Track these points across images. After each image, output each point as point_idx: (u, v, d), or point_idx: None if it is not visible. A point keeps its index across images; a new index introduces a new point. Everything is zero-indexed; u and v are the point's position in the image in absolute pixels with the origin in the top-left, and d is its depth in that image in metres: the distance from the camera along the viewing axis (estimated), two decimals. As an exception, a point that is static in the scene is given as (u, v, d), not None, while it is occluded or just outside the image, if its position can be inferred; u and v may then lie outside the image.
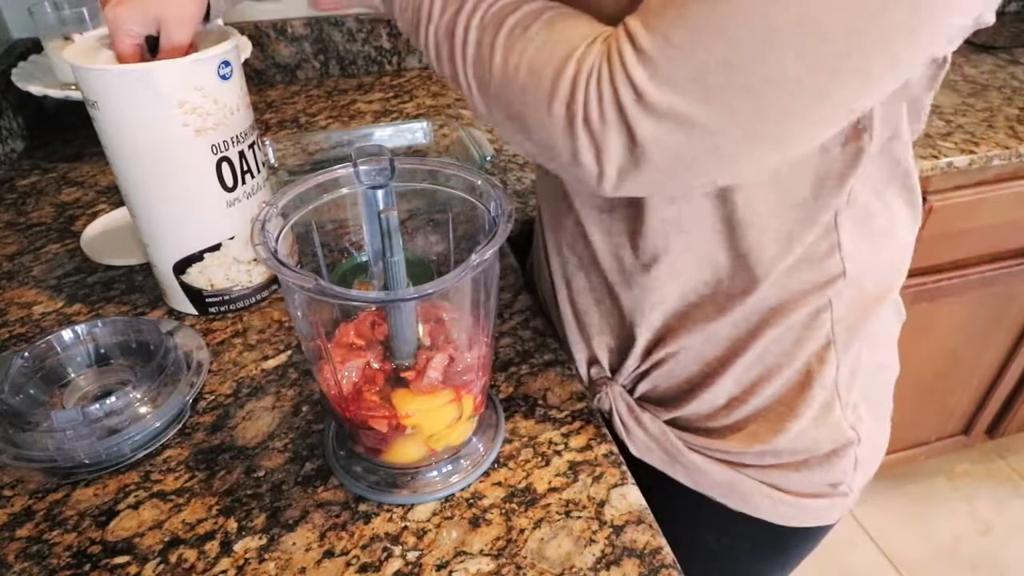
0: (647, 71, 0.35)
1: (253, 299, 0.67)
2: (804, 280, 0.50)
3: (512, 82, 0.40)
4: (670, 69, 0.35)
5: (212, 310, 0.66)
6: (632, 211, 0.52)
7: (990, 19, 0.39)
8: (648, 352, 0.57)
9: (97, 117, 0.56)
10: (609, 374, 0.61)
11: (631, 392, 0.61)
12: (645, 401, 0.61)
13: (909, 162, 0.51)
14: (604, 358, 0.61)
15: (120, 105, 0.54)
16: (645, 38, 0.36)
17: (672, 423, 0.60)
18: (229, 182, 0.60)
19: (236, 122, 0.59)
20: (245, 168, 0.61)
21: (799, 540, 0.64)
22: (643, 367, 0.58)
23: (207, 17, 0.59)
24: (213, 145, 0.58)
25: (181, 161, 0.57)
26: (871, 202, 0.50)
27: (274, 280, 0.68)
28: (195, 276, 0.63)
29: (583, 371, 0.63)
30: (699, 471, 0.59)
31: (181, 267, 0.62)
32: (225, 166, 0.59)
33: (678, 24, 0.34)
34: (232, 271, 0.64)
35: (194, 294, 0.64)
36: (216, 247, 0.62)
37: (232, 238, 0.62)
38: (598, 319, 0.59)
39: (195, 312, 0.66)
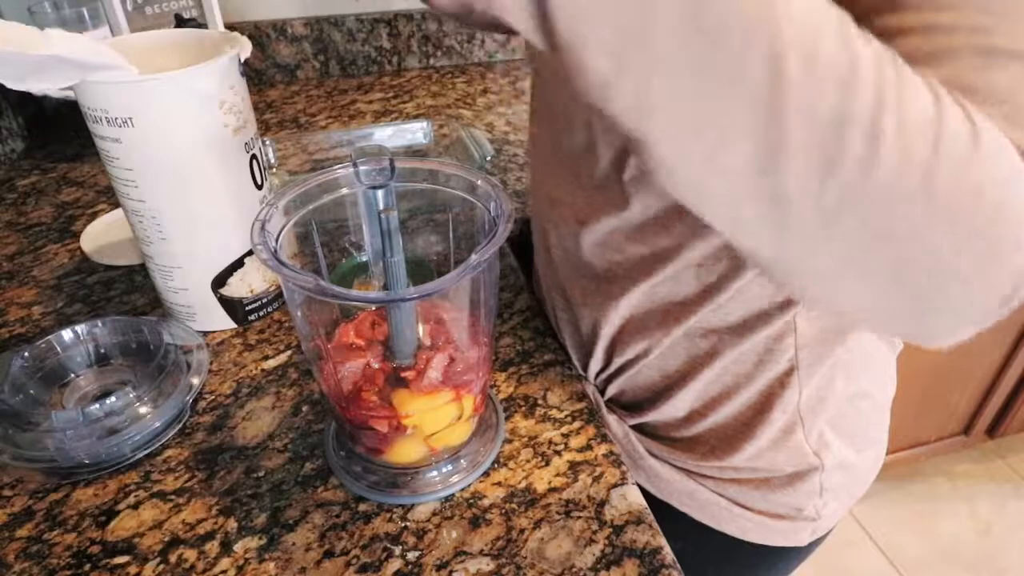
0: None
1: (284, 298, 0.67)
2: (762, 295, 0.49)
3: (935, 205, 0.27)
4: None
5: (252, 317, 0.64)
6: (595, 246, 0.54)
7: None
8: (609, 356, 0.58)
9: (126, 137, 0.52)
10: (582, 372, 0.62)
11: (603, 393, 0.61)
12: (615, 404, 0.62)
13: None
14: (575, 357, 0.62)
15: (162, 116, 0.52)
16: None
17: (639, 428, 0.61)
18: (258, 179, 0.60)
19: (254, 118, 0.59)
20: (265, 164, 0.62)
21: (767, 558, 0.63)
22: (608, 371, 0.59)
23: None
24: (246, 143, 0.58)
25: (222, 163, 0.56)
26: None
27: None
28: (235, 285, 0.62)
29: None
30: (660, 478, 0.60)
31: (221, 280, 0.61)
32: (254, 163, 0.59)
33: None
34: (269, 272, 0.64)
35: (232, 306, 0.63)
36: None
37: None
38: (567, 319, 0.61)
39: (233, 326, 0.64)
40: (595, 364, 0.60)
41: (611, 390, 0.60)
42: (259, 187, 0.60)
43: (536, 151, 0.60)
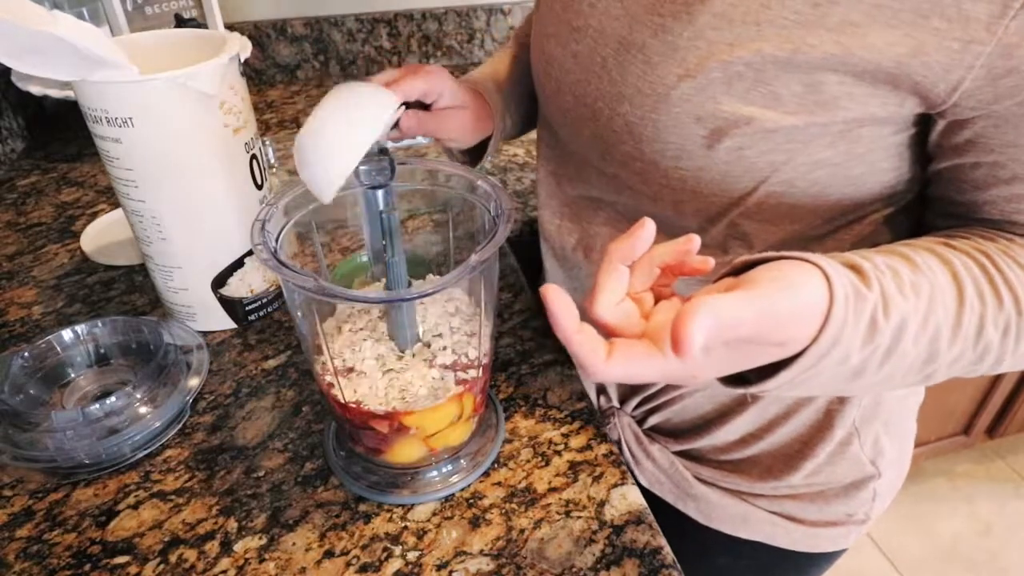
0: None
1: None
2: None
3: None
4: None
5: (252, 317, 0.64)
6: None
7: None
8: (658, 391, 0.57)
9: (126, 137, 0.52)
10: (618, 404, 0.61)
11: (642, 423, 0.61)
12: (656, 432, 0.60)
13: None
14: (612, 389, 0.60)
15: (162, 116, 0.52)
16: None
17: (683, 454, 0.59)
18: (258, 179, 0.60)
19: (254, 118, 0.59)
20: (265, 164, 0.62)
21: (814, 563, 0.63)
22: (653, 403, 0.58)
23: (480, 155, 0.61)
24: (246, 143, 0.58)
25: (222, 163, 0.56)
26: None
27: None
28: (235, 286, 0.62)
29: (593, 399, 0.62)
30: (710, 505, 0.59)
31: (221, 280, 0.61)
32: (255, 163, 0.59)
33: None
34: (269, 272, 0.64)
35: (232, 306, 0.63)
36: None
37: None
38: None
39: (233, 326, 0.64)
40: (637, 395, 0.58)
41: (653, 420, 0.59)
42: (259, 187, 0.60)
43: (560, 156, 0.57)
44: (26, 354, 0.56)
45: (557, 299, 0.31)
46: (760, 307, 0.30)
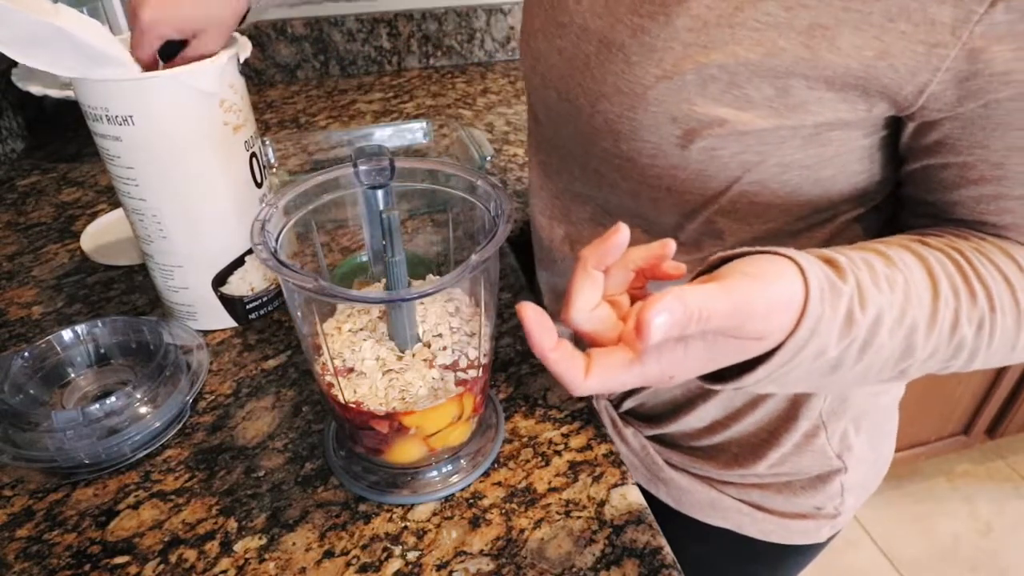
0: None
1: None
2: None
3: None
4: None
5: (252, 316, 0.64)
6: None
7: None
8: None
9: (126, 136, 0.52)
10: None
11: (618, 407, 0.61)
12: (631, 416, 0.61)
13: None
14: None
15: (162, 114, 0.52)
16: None
17: (657, 439, 0.60)
18: (258, 178, 0.60)
19: (253, 117, 0.60)
20: (265, 163, 0.62)
21: (788, 555, 0.63)
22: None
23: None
24: (245, 141, 0.58)
25: (223, 162, 0.56)
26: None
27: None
28: (236, 284, 0.62)
29: None
30: (680, 489, 0.59)
31: (221, 278, 0.61)
32: (254, 161, 0.59)
33: None
34: (269, 270, 0.64)
35: (233, 304, 0.63)
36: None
37: None
38: None
39: (233, 325, 0.64)
40: None
41: (628, 404, 0.60)
42: (259, 185, 0.60)
43: (547, 149, 0.58)
44: (26, 354, 0.56)
45: (532, 317, 0.31)
46: (733, 299, 0.30)
